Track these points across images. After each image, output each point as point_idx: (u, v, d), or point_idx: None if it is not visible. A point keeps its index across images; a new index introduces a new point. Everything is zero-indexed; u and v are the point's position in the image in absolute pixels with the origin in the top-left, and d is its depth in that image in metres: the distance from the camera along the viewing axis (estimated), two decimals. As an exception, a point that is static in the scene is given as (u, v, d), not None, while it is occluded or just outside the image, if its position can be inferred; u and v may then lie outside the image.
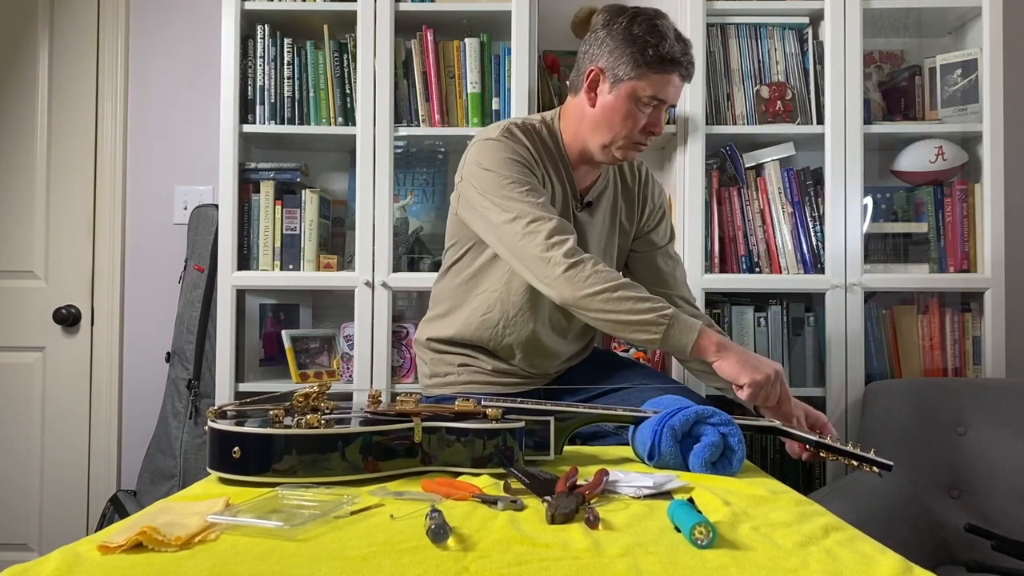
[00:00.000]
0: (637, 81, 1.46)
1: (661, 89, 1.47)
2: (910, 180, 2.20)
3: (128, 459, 2.46)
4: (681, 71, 1.47)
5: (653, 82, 1.46)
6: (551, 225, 1.40)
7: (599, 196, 1.63)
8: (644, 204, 1.70)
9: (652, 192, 1.72)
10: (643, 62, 1.44)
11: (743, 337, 2.16)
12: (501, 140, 1.50)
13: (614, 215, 1.66)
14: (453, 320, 1.62)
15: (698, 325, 1.38)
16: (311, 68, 2.19)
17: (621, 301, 1.36)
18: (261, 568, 0.72)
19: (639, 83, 1.46)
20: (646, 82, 1.46)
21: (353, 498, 0.94)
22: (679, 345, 1.36)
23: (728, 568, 0.73)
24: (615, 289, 1.37)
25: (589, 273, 1.37)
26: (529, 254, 1.40)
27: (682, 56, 1.46)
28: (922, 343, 2.16)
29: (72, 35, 2.49)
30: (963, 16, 2.22)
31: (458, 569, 0.72)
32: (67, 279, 2.49)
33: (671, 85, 1.48)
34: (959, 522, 1.67)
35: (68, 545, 0.78)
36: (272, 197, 2.18)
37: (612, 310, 1.36)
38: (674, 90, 1.49)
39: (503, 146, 1.49)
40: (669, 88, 1.48)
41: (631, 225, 1.69)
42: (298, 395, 1.16)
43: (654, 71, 1.45)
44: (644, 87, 1.46)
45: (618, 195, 1.67)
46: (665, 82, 1.47)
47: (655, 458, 1.16)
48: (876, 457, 1.19)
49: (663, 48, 1.43)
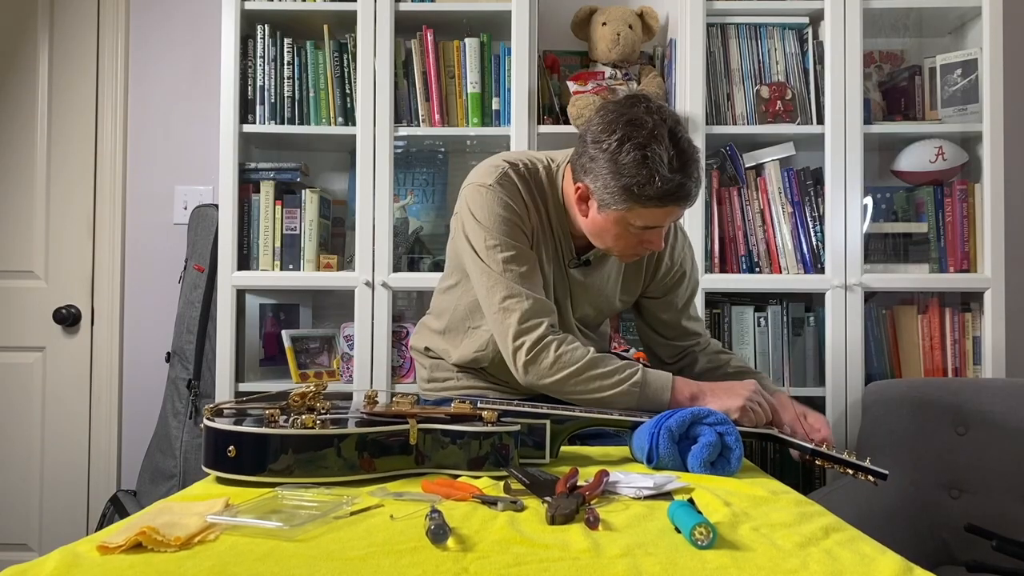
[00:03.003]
0: (627, 212, 1.33)
1: (653, 219, 1.34)
2: (910, 180, 2.20)
3: (128, 459, 2.46)
4: (679, 202, 1.33)
5: (643, 215, 1.33)
6: (525, 306, 1.36)
7: (602, 258, 1.52)
8: (658, 264, 1.59)
9: (671, 250, 1.58)
10: (630, 198, 1.31)
11: (743, 337, 2.16)
12: (495, 189, 1.42)
13: (618, 274, 1.57)
14: (449, 345, 1.58)
15: (668, 382, 1.35)
16: (311, 68, 2.19)
17: (589, 381, 1.34)
18: (261, 568, 0.72)
19: (628, 214, 1.33)
20: (635, 214, 1.33)
21: (353, 499, 0.94)
22: (657, 404, 1.33)
23: (728, 569, 0.73)
24: (580, 372, 1.34)
25: (552, 361, 1.35)
26: (500, 332, 1.39)
27: (678, 189, 1.29)
28: (922, 343, 2.15)
29: (72, 35, 2.49)
30: (963, 16, 2.22)
31: (457, 570, 0.72)
32: (67, 279, 2.49)
33: (667, 215, 1.35)
34: (959, 522, 1.67)
35: (68, 545, 0.78)
36: (272, 197, 2.18)
37: (581, 392, 1.35)
38: (672, 216, 1.37)
39: (496, 198, 1.41)
40: (664, 218, 1.35)
41: (638, 284, 1.60)
42: (294, 395, 1.16)
43: (643, 206, 1.32)
44: (634, 217, 1.34)
45: None
46: (659, 214, 1.34)
47: (654, 461, 1.16)
48: (871, 466, 1.19)
49: (652, 188, 1.28)
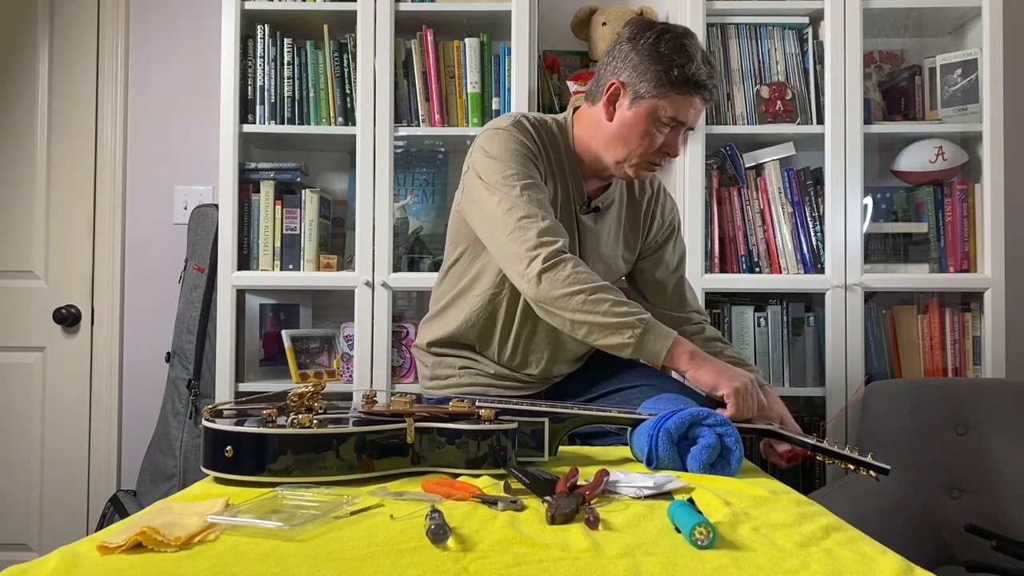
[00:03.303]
0: (659, 100, 1.43)
1: (682, 110, 1.44)
2: (910, 180, 2.20)
3: (128, 459, 2.46)
4: (705, 94, 1.44)
5: (675, 102, 1.43)
6: (543, 225, 1.38)
7: (608, 205, 1.60)
8: (651, 220, 1.67)
9: (662, 207, 1.68)
10: (667, 81, 1.41)
11: (743, 337, 2.16)
12: (510, 130, 1.49)
13: (619, 224, 1.63)
14: (450, 320, 1.60)
15: (673, 334, 1.34)
16: (311, 68, 2.19)
17: (598, 303, 1.33)
18: (261, 568, 0.72)
19: (660, 102, 1.43)
20: (667, 101, 1.42)
21: (353, 498, 0.94)
22: (653, 352, 1.33)
23: (728, 569, 0.73)
24: (593, 291, 1.33)
25: (569, 273, 1.34)
26: (513, 249, 1.38)
27: (707, 79, 1.42)
28: (922, 343, 2.16)
29: (72, 35, 2.49)
30: (963, 16, 2.22)
31: (458, 570, 0.72)
32: (67, 279, 2.49)
33: (692, 107, 1.45)
34: (959, 522, 1.67)
35: (68, 545, 0.78)
36: (272, 197, 2.18)
37: (588, 311, 1.33)
38: (695, 112, 1.46)
39: (511, 136, 1.48)
40: (690, 110, 1.45)
41: (636, 240, 1.66)
42: (292, 395, 1.16)
43: (677, 91, 1.41)
44: (665, 107, 1.43)
45: (624, 208, 1.64)
46: (687, 103, 1.43)
47: (653, 463, 1.16)
48: (873, 461, 1.19)
49: (689, 69, 1.40)
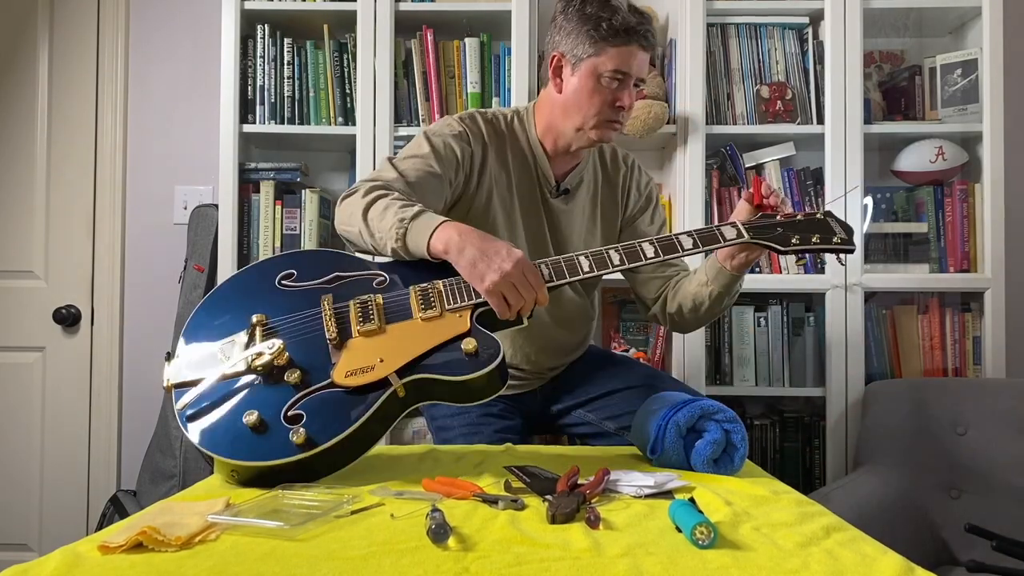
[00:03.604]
0: (596, 58, 1.44)
1: (622, 61, 1.44)
2: (910, 180, 2.20)
3: (128, 459, 2.45)
4: (640, 41, 1.44)
5: (612, 56, 1.44)
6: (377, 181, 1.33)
7: (578, 185, 1.60)
8: (628, 193, 1.66)
9: (637, 181, 1.68)
10: (599, 37, 1.43)
11: (743, 337, 2.16)
12: (454, 121, 1.51)
13: (595, 205, 1.64)
14: None
15: (438, 221, 1.21)
16: (311, 68, 2.19)
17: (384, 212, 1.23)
18: (261, 568, 0.72)
19: (598, 59, 1.44)
20: (605, 57, 1.44)
21: (353, 498, 0.94)
22: (417, 249, 1.21)
23: (729, 569, 0.73)
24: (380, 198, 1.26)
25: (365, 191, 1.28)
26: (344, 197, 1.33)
27: (638, 25, 1.43)
28: (922, 343, 2.16)
29: (72, 35, 2.49)
30: (963, 16, 2.22)
31: (458, 569, 0.72)
32: (67, 279, 2.48)
33: (631, 56, 1.45)
34: (959, 522, 1.67)
35: (68, 545, 0.78)
36: (272, 197, 2.18)
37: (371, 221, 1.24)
38: (636, 62, 1.46)
39: (450, 126, 1.50)
40: (630, 60, 1.45)
41: (616, 215, 1.66)
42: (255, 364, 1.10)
43: (611, 44, 1.43)
44: (604, 62, 1.44)
45: (599, 186, 1.64)
46: (624, 54, 1.44)
47: (657, 452, 1.16)
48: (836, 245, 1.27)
49: (617, 20, 1.42)
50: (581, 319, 1.66)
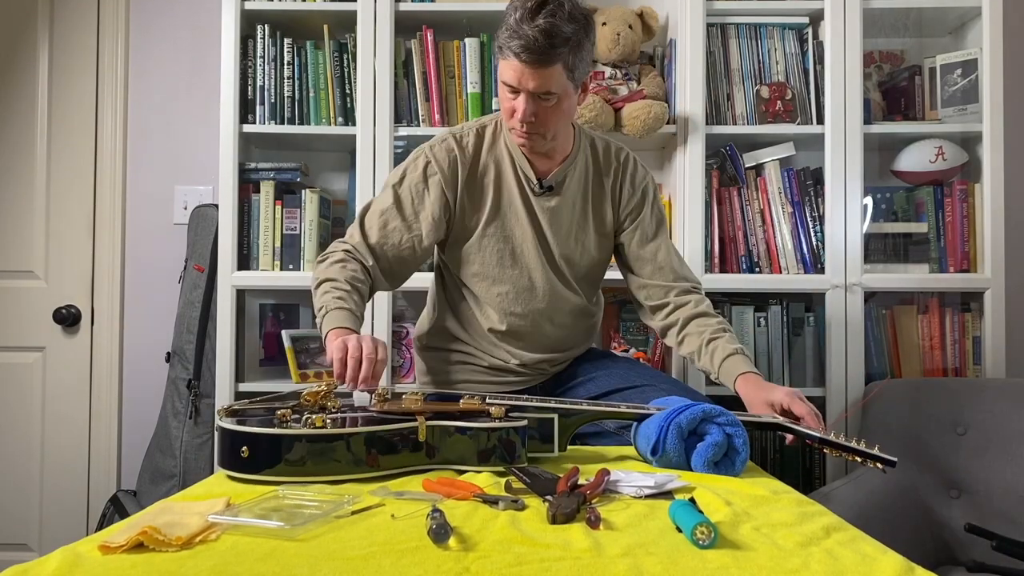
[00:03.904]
0: (500, 69, 1.46)
1: (505, 74, 1.43)
2: (910, 180, 2.20)
3: (128, 459, 2.45)
4: (523, 56, 1.38)
5: (502, 69, 1.44)
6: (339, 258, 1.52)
7: (563, 181, 1.59)
8: (621, 190, 1.64)
9: (631, 177, 1.65)
10: (498, 45, 1.43)
11: (743, 337, 2.16)
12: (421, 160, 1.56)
13: (586, 201, 1.63)
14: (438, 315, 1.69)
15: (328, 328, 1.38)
16: (311, 68, 2.19)
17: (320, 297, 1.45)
18: (262, 568, 0.72)
19: (499, 67, 1.46)
20: (502, 65, 1.44)
21: (354, 498, 0.94)
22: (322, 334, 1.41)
23: (729, 568, 0.73)
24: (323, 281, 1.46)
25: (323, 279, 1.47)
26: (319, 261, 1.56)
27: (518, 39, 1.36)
28: (922, 343, 2.16)
29: (72, 35, 2.49)
30: (963, 16, 2.22)
31: (459, 569, 0.72)
32: (67, 279, 2.48)
33: (510, 69, 1.41)
34: (959, 522, 1.67)
35: (69, 545, 0.78)
36: (272, 197, 2.18)
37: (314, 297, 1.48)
38: (516, 75, 1.41)
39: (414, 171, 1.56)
40: (509, 72, 1.42)
41: (608, 211, 1.65)
42: (306, 394, 1.18)
43: (502, 57, 1.43)
44: (501, 70, 1.45)
45: (589, 182, 1.63)
46: (507, 68, 1.42)
47: (658, 454, 1.16)
48: (880, 453, 1.19)
49: (502, 36, 1.40)
50: (578, 317, 1.67)
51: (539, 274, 1.58)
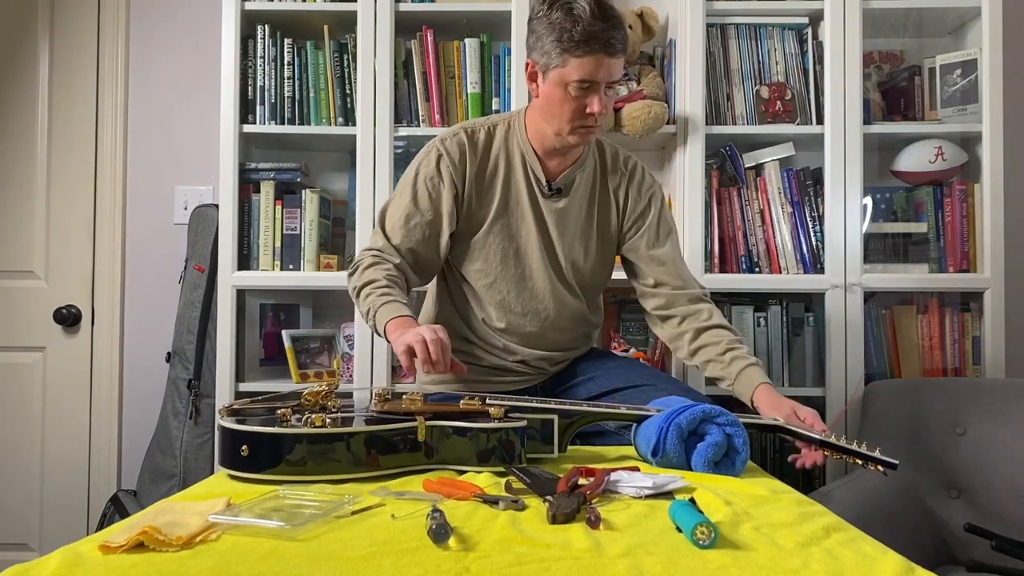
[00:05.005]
0: (562, 68, 1.44)
1: (586, 71, 1.42)
2: (910, 180, 2.20)
3: (128, 459, 2.46)
4: (605, 49, 1.41)
5: (575, 67, 1.42)
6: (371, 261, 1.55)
7: (571, 183, 1.60)
8: (627, 197, 1.65)
9: (638, 185, 1.65)
10: (563, 49, 1.42)
11: (743, 337, 2.16)
12: (434, 153, 1.57)
13: (592, 205, 1.63)
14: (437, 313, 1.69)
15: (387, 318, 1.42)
16: (311, 68, 2.19)
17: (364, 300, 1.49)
18: (262, 568, 0.72)
19: (564, 70, 1.44)
20: (570, 68, 1.43)
21: (354, 498, 0.94)
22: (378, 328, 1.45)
23: (729, 568, 0.73)
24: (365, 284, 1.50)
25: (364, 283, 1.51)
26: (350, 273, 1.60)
27: (602, 32, 1.40)
28: (922, 343, 2.16)
29: (72, 35, 2.49)
30: (963, 16, 2.22)
31: (459, 569, 0.72)
32: (67, 279, 2.48)
33: (596, 66, 1.42)
34: (959, 522, 1.67)
35: (69, 545, 0.78)
36: (272, 197, 2.18)
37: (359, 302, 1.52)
38: (603, 70, 1.43)
39: (428, 164, 1.57)
40: (595, 70, 1.43)
41: (613, 218, 1.65)
42: (307, 394, 1.19)
43: (575, 56, 1.42)
44: (570, 72, 1.43)
45: (596, 186, 1.64)
46: (588, 64, 1.42)
47: (659, 455, 1.16)
48: (881, 456, 1.19)
49: (577, 31, 1.40)
50: (577, 322, 1.67)
51: (540, 275, 1.59)
